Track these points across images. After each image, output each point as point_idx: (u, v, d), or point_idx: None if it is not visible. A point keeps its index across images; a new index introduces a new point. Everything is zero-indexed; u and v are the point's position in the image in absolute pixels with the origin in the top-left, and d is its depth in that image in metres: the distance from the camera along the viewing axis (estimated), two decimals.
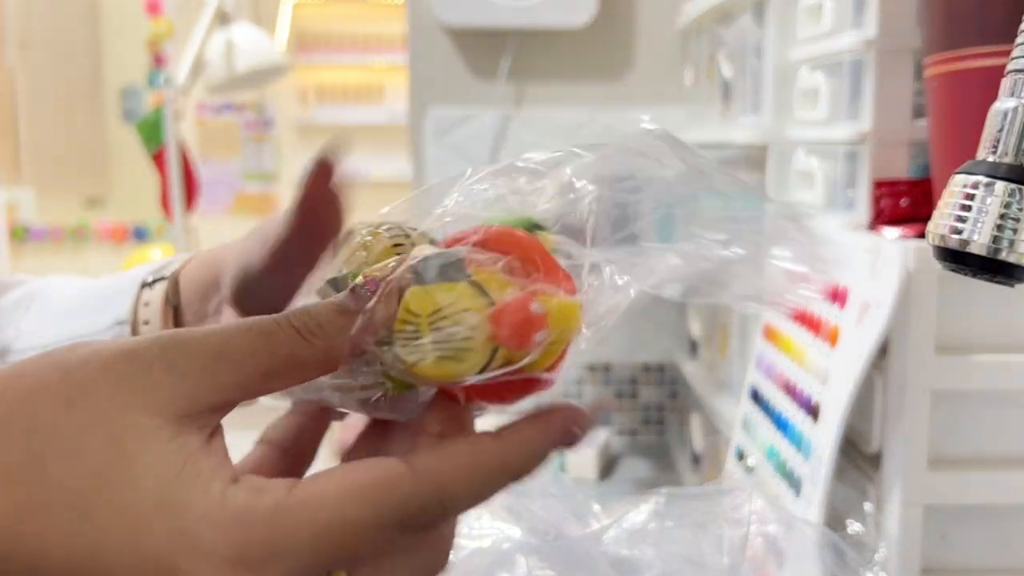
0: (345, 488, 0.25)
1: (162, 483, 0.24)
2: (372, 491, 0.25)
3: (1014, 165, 0.45)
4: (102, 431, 0.24)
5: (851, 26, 0.68)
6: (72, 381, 0.25)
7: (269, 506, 0.25)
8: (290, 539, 0.24)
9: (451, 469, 0.27)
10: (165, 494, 0.24)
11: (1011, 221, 0.44)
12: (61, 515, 0.23)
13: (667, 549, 0.57)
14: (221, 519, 0.24)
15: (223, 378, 0.26)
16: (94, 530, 0.24)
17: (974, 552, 0.62)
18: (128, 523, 0.24)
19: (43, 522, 0.23)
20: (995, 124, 0.45)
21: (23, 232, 3.02)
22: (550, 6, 1.24)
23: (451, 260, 0.26)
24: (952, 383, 0.59)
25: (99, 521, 0.24)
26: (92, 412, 0.24)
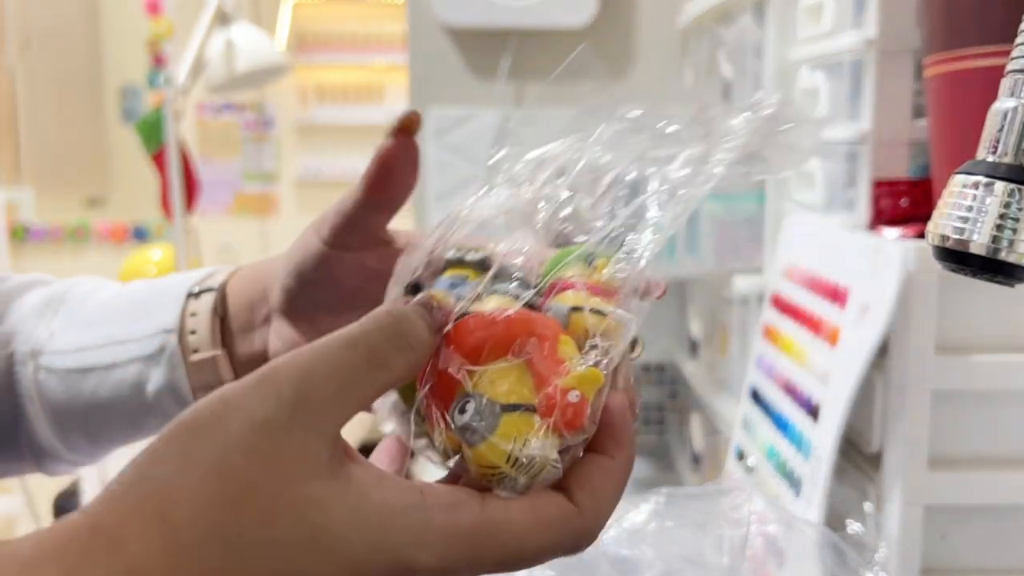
0: (531, 519, 0.28)
1: (364, 528, 0.26)
2: (552, 527, 0.28)
3: (1014, 165, 0.45)
4: (285, 516, 0.25)
5: (851, 26, 0.68)
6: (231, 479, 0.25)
7: (468, 525, 0.27)
8: (485, 556, 0.27)
9: (604, 499, 0.30)
10: (371, 538, 0.26)
11: (1011, 221, 0.44)
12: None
13: (667, 549, 0.57)
14: (430, 542, 0.26)
15: (350, 410, 0.27)
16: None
17: (974, 552, 0.62)
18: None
19: None
20: (995, 124, 0.45)
21: (23, 232, 3.02)
22: (550, 6, 1.24)
23: (484, 407, 0.29)
24: (952, 383, 0.59)
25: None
26: (264, 505, 0.25)
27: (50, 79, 3.04)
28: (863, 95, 0.68)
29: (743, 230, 0.91)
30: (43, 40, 3.02)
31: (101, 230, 3.01)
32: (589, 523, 0.29)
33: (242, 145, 3.16)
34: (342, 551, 0.25)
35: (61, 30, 3.07)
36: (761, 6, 0.85)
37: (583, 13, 1.25)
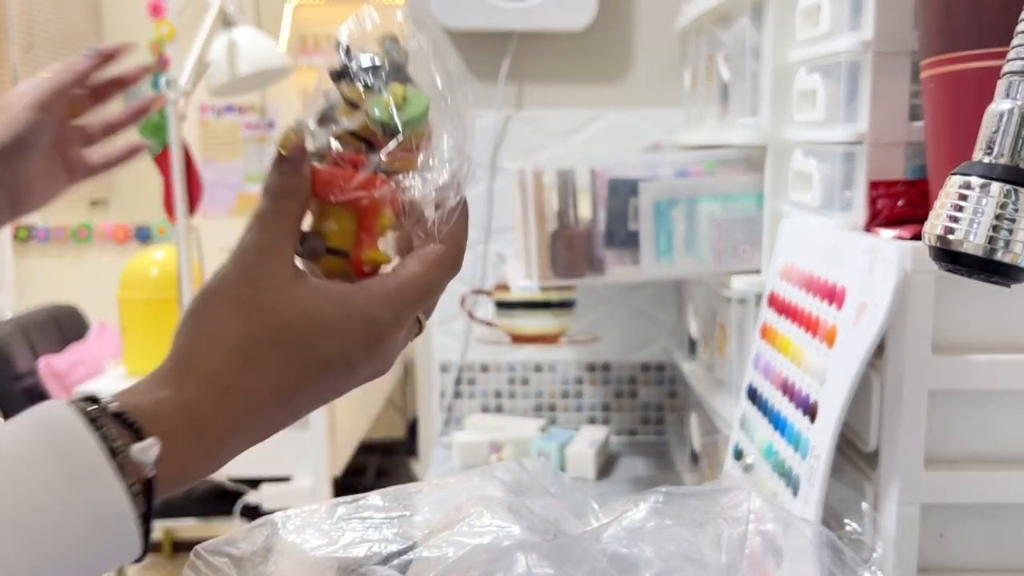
0: (418, 269, 0.43)
1: (336, 305, 0.40)
2: (438, 270, 0.44)
3: (1009, 166, 0.45)
4: (283, 312, 0.39)
5: (848, 28, 0.69)
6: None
7: (393, 285, 0.42)
8: (410, 298, 0.42)
9: (449, 260, 0.45)
10: (343, 310, 0.40)
11: (1007, 222, 0.44)
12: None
13: (666, 547, 0.57)
14: (380, 300, 0.41)
15: (287, 236, 0.41)
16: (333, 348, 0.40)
17: (970, 550, 0.62)
18: (340, 336, 0.40)
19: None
20: (991, 125, 0.46)
21: (27, 233, 3.04)
22: (549, 8, 1.24)
23: (315, 241, 0.44)
24: (948, 383, 0.59)
25: (326, 344, 0.40)
26: (268, 309, 0.39)
27: None
28: (860, 97, 0.68)
29: (741, 230, 0.91)
30: (46, 42, 3.02)
31: (104, 231, 3.02)
32: (447, 272, 0.45)
33: (244, 146, 3.17)
34: (327, 323, 0.39)
35: (64, 32, 3.07)
36: (759, 8, 0.85)
37: (582, 15, 1.25)
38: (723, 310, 0.96)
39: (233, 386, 0.38)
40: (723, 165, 0.92)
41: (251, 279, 0.39)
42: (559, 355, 1.35)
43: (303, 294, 0.40)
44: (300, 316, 0.39)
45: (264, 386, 0.39)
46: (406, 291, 0.42)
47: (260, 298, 0.39)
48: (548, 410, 1.36)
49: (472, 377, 1.36)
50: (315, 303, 0.40)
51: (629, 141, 1.29)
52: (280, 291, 0.39)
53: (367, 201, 0.41)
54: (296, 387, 0.40)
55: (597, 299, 1.34)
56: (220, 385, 0.38)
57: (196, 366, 0.38)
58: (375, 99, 0.41)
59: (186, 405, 0.37)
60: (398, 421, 2.69)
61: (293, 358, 0.39)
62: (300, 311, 0.39)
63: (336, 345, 0.40)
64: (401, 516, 0.58)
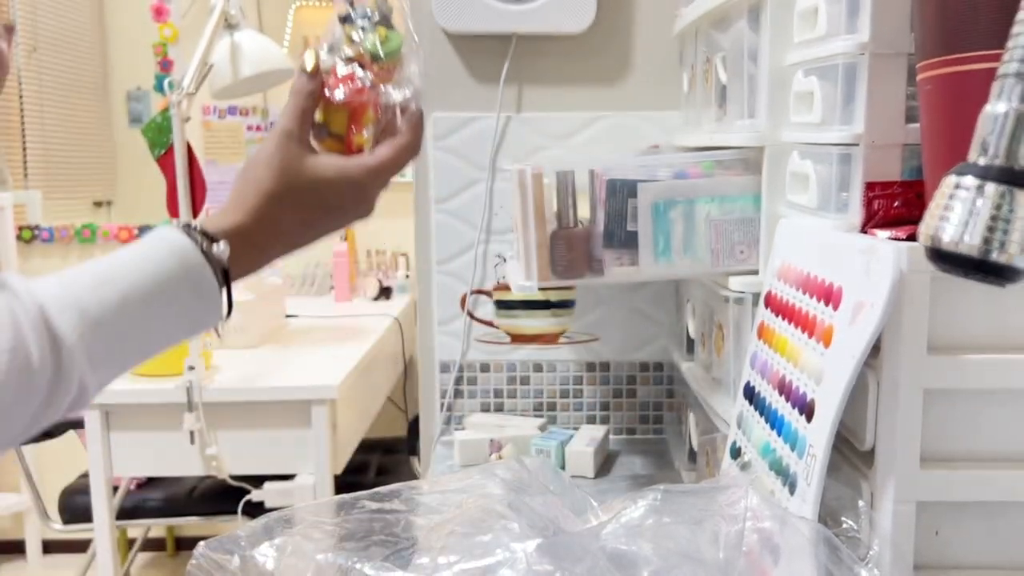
0: (392, 153, 0.63)
1: (337, 171, 0.61)
2: (403, 153, 0.63)
3: (1004, 167, 0.46)
4: (304, 180, 0.60)
5: (845, 31, 0.69)
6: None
7: (373, 160, 0.62)
8: (383, 169, 0.62)
9: (410, 147, 0.64)
10: (342, 175, 0.60)
11: (1001, 222, 0.45)
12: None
13: (664, 544, 0.57)
14: (363, 169, 0.61)
15: (298, 118, 0.61)
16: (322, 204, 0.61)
17: (966, 548, 0.62)
18: (337, 190, 0.60)
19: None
20: (986, 127, 0.46)
21: (31, 233, 3.04)
22: (549, 11, 1.25)
23: (321, 128, 0.64)
24: (944, 382, 0.60)
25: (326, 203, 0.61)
26: (292, 176, 0.60)
27: (57, 83, 3.05)
28: (856, 98, 0.69)
29: (738, 231, 0.92)
30: (50, 45, 3.03)
31: (108, 232, 3.02)
32: (404, 156, 0.63)
33: (247, 148, 3.17)
34: (328, 182, 0.60)
35: (68, 35, 3.08)
36: (757, 11, 0.86)
37: (581, 18, 1.26)
38: (721, 310, 0.97)
39: (267, 216, 0.59)
40: (721, 167, 0.93)
41: (279, 150, 0.59)
42: (559, 355, 1.36)
43: (313, 162, 0.60)
44: (311, 175, 0.60)
45: (287, 218, 0.60)
46: (382, 164, 0.62)
47: (284, 163, 0.59)
48: (548, 409, 1.37)
49: (472, 376, 1.37)
50: (320, 168, 0.61)
51: (628, 143, 1.29)
52: (297, 159, 0.60)
53: (356, 103, 0.61)
54: (308, 222, 0.60)
55: (596, 299, 1.34)
56: (258, 216, 0.59)
57: (244, 205, 0.59)
58: (366, 36, 0.62)
59: (239, 227, 0.58)
60: (399, 420, 2.69)
61: (306, 202, 0.60)
62: (311, 172, 0.60)
63: (334, 196, 0.61)
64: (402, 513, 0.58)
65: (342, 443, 1.89)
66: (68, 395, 0.49)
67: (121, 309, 0.51)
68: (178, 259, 0.54)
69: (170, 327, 0.55)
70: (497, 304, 1.35)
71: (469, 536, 0.55)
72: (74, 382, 0.49)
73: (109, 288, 0.51)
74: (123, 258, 0.53)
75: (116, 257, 0.53)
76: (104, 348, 0.50)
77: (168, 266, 0.54)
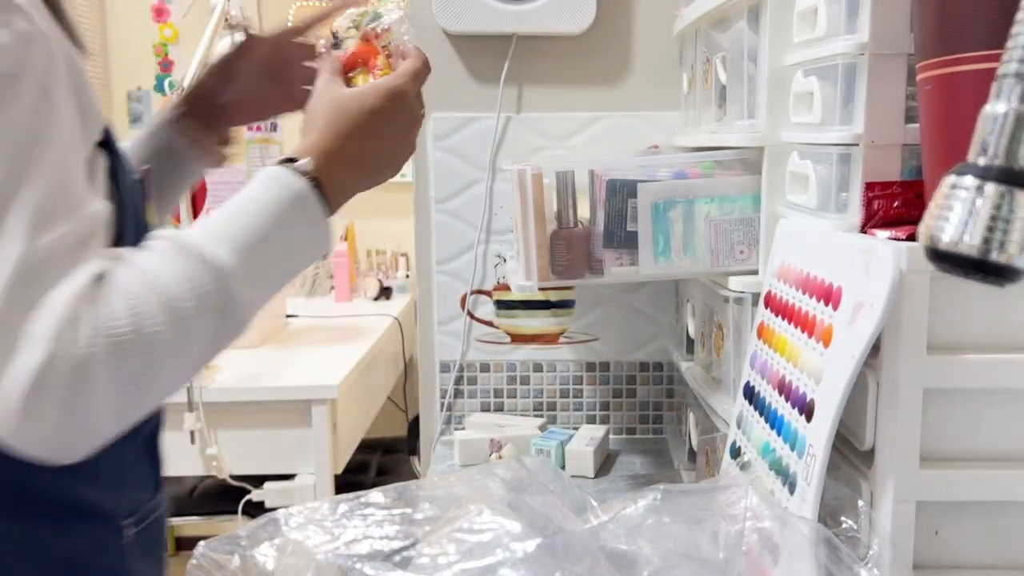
0: (407, 66, 0.78)
1: (361, 91, 0.75)
2: (415, 63, 0.78)
3: (1004, 167, 0.46)
4: (345, 102, 0.74)
5: (845, 31, 0.69)
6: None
7: (394, 74, 0.77)
8: (405, 75, 0.76)
9: (420, 63, 0.78)
10: (371, 89, 0.75)
11: (1001, 222, 0.45)
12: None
13: (664, 544, 0.58)
14: (390, 79, 0.76)
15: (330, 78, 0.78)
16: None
17: (965, 547, 0.63)
18: (377, 97, 0.74)
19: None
20: (985, 127, 0.46)
21: None
22: (549, 12, 1.25)
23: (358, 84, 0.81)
24: (943, 382, 0.60)
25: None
26: (341, 102, 0.74)
27: None
28: (856, 99, 0.69)
29: (738, 231, 0.92)
30: None
31: None
32: (422, 59, 0.78)
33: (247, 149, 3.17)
34: (368, 97, 0.73)
35: None
36: (756, 11, 0.86)
37: (581, 19, 1.26)
38: (721, 310, 0.97)
39: (339, 134, 0.71)
40: (720, 167, 0.93)
41: (326, 88, 0.75)
42: (558, 354, 1.36)
43: (353, 91, 0.75)
44: (352, 93, 0.74)
45: (349, 137, 0.72)
46: (404, 70, 0.76)
47: (331, 93, 0.74)
48: (548, 409, 1.37)
49: (472, 376, 1.37)
50: (358, 88, 0.75)
51: (628, 143, 1.29)
52: (339, 88, 0.75)
53: (365, 53, 0.81)
54: (364, 128, 0.72)
55: (596, 299, 1.34)
56: (330, 136, 0.71)
57: (315, 131, 0.72)
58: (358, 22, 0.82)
59: (315, 147, 0.70)
60: (399, 420, 2.69)
61: (354, 110, 0.72)
62: (352, 91, 0.74)
63: (375, 99, 0.73)
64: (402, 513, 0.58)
65: (342, 443, 1.89)
66: (235, 315, 0.60)
67: (256, 234, 0.63)
68: (282, 184, 0.66)
69: (294, 242, 0.66)
70: (497, 304, 1.35)
71: (469, 536, 0.55)
72: (238, 303, 0.60)
73: (239, 221, 0.63)
74: (242, 198, 0.65)
75: (236, 199, 0.65)
76: (252, 269, 0.62)
77: (275, 191, 0.66)
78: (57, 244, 0.54)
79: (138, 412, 0.57)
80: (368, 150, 0.72)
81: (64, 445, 0.54)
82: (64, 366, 0.51)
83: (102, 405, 0.53)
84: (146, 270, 0.57)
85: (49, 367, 0.51)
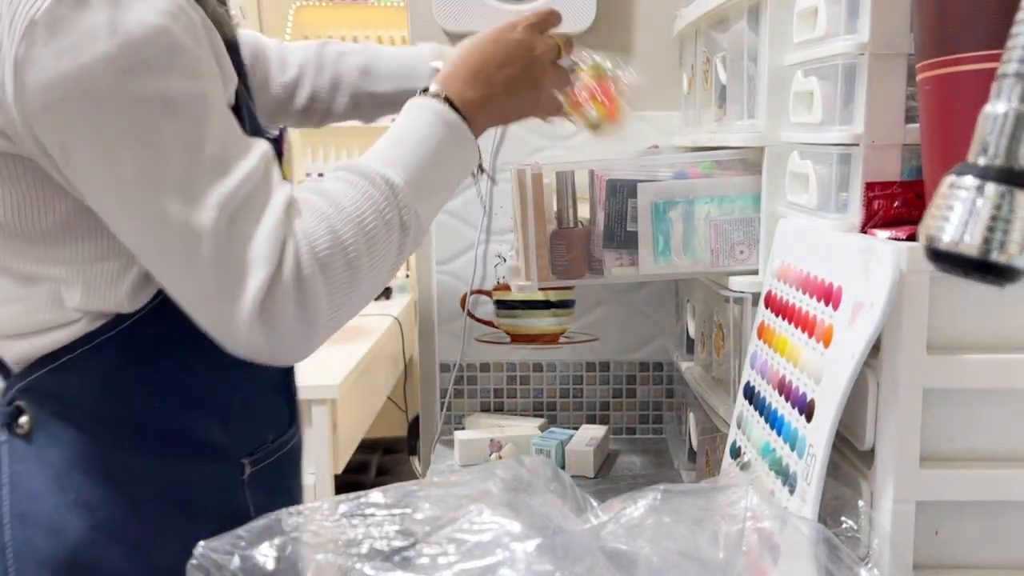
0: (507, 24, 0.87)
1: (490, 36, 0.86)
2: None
3: (1004, 167, 0.46)
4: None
5: (845, 31, 0.69)
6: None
7: (505, 34, 0.86)
8: (512, 23, 0.87)
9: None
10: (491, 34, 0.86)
11: (1001, 222, 0.45)
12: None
13: (664, 544, 0.58)
14: (506, 26, 0.87)
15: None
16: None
17: (965, 547, 0.63)
18: (491, 31, 0.86)
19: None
20: (985, 127, 0.46)
21: None
22: None
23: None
24: (943, 382, 0.60)
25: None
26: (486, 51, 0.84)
27: None
28: (856, 99, 0.69)
29: (738, 231, 0.92)
30: None
31: None
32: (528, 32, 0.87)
33: None
34: (487, 32, 0.86)
35: None
36: (756, 11, 0.86)
37: (581, 19, 1.26)
38: (721, 310, 0.97)
39: (460, 58, 0.81)
40: (720, 167, 0.93)
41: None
42: (558, 354, 1.36)
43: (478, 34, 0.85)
44: (475, 37, 0.84)
45: (470, 59, 0.81)
46: (523, 15, 0.87)
47: (463, 43, 0.84)
48: (548, 409, 1.37)
49: (472, 376, 1.37)
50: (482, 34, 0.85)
51: (627, 143, 1.29)
52: (469, 40, 0.85)
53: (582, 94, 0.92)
54: (483, 57, 0.82)
55: (596, 299, 1.34)
56: (454, 64, 0.81)
57: (452, 70, 0.81)
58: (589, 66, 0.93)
59: (443, 76, 0.80)
60: (399, 420, 2.70)
61: (472, 44, 0.84)
62: (474, 37, 0.85)
63: (490, 32, 0.84)
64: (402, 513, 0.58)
65: (342, 443, 1.89)
66: (412, 228, 0.70)
67: (415, 151, 0.72)
68: (425, 109, 0.76)
69: (448, 159, 0.75)
70: (497, 304, 1.35)
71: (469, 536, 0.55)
72: (412, 213, 0.70)
73: (401, 146, 0.73)
74: (398, 127, 0.75)
75: (394, 128, 0.75)
76: (420, 186, 0.71)
77: (424, 116, 0.75)
78: (245, 184, 0.62)
79: (349, 314, 0.69)
80: (488, 69, 0.80)
81: (294, 346, 0.65)
82: (286, 280, 0.62)
83: (321, 308, 0.64)
84: (332, 193, 0.67)
85: (275, 283, 0.62)
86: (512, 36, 0.83)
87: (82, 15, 0.57)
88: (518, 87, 0.82)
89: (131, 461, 0.70)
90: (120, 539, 0.69)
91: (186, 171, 0.60)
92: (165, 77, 0.59)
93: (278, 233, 0.62)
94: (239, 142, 0.64)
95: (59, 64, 0.57)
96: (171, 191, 0.60)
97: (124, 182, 0.60)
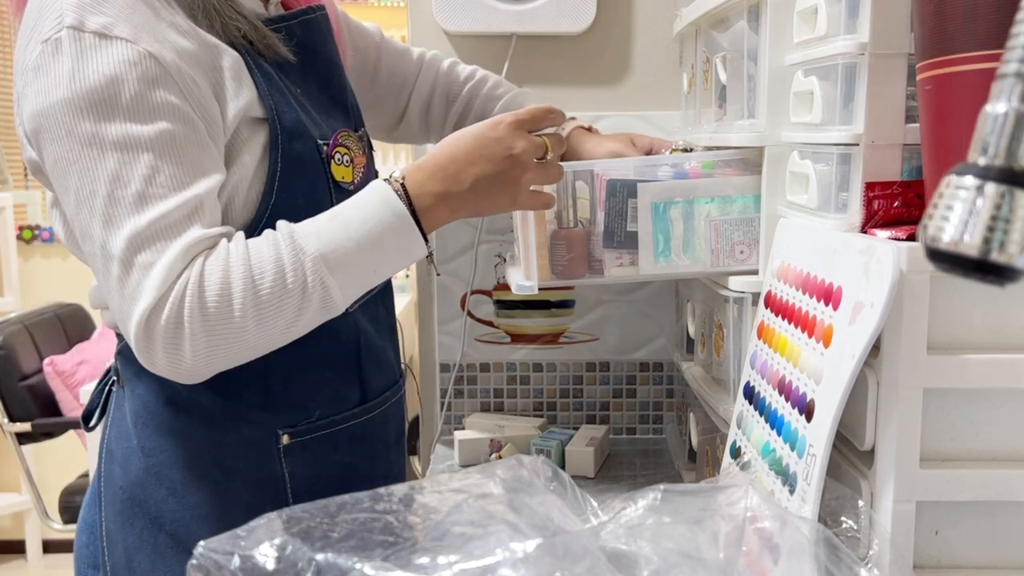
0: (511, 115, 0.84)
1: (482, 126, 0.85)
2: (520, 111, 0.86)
3: (1004, 167, 0.46)
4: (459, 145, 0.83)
5: (845, 31, 0.70)
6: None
7: (500, 122, 0.84)
8: (496, 122, 0.84)
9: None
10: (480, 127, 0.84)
11: (1002, 222, 0.45)
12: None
13: (664, 544, 0.58)
14: (501, 129, 0.83)
15: None
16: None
17: (965, 547, 0.63)
18: (474, 128, 0.84)
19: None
20: (985, 127, 0.46)
21: (31, 234, 3.06)
22: (549, 12, 1.25)
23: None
24: (943, 382, 0.60)
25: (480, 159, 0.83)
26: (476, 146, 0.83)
27: None
28: (856, 99, 0.69)
29: (738, 231, 0.92)
30: None
31: None
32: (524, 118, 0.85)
33: None
34: (472, 126, 0.84)
35: None
36: (757, 11, 0.86)
37: (581, 19, 1.26)
38: (721, 310, 0.97)
39: (435, 152, 0.82)
40: (720, 167, 0.93)
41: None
42: (558, 354, 1.36)
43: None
44: (461, 131, 0.83)
45: (441, 152, 0.81)
46: (512, 112, 0.84)
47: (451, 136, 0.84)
48: (548, 409, 1.37)
49: (472, 376, 1.37)
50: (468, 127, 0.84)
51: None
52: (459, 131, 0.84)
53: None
54: (454, 152, 0.81)
55: (596, 299, 1.34)
56: (429, 155, 0.82)
57: (422, 160, 0.82)
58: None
59: (414, 164, 0.81)
60: None
61: (454, 140, 0.82)
62: (461, 130, 0.84)
63: (475, 127, 0.83)
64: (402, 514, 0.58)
65: None
66: (315, 294, 0.73)
67: (345, 229, 0.75)
68: (375, 191, 0.78)
69: (379, 241, 0.76)
70: (497, 304, 1.35)
71: (469, 536, 0.55)
72: (318, 283, 0.73)
73: (334, 221, 0.76)
74: (347, 201, 0.78)
75: (343, 203, 0.78)
76: (338, 258, 0.74)
77: (371, 197, 0.78)
78: (157, 223, 0.70)
79: (230, 363, 0.73)
80: (456, 165, 0.80)
81: (172, 371, 0.72)
82: (167, 312, 0.70)
83: (195, 344, 0.70)
84: (251, 245, 0.73)
85: (156, 311, 0.70)
86: (491, 134, 0.81)
87: (56, 62, 0.70)
88: (487, 185, 0.81)
89: (179, 418, 0.82)
90: (163, 482, 0.82)
91: (109, 202, 0.70)
92: (109, 121, 0.70)
93: (172, 270, 0.70)
94: (169, 183, 0.71)
95: (36, 101, 0.71)
96: (98, 216, 0.71)
97: (69, 202, 0.73)
